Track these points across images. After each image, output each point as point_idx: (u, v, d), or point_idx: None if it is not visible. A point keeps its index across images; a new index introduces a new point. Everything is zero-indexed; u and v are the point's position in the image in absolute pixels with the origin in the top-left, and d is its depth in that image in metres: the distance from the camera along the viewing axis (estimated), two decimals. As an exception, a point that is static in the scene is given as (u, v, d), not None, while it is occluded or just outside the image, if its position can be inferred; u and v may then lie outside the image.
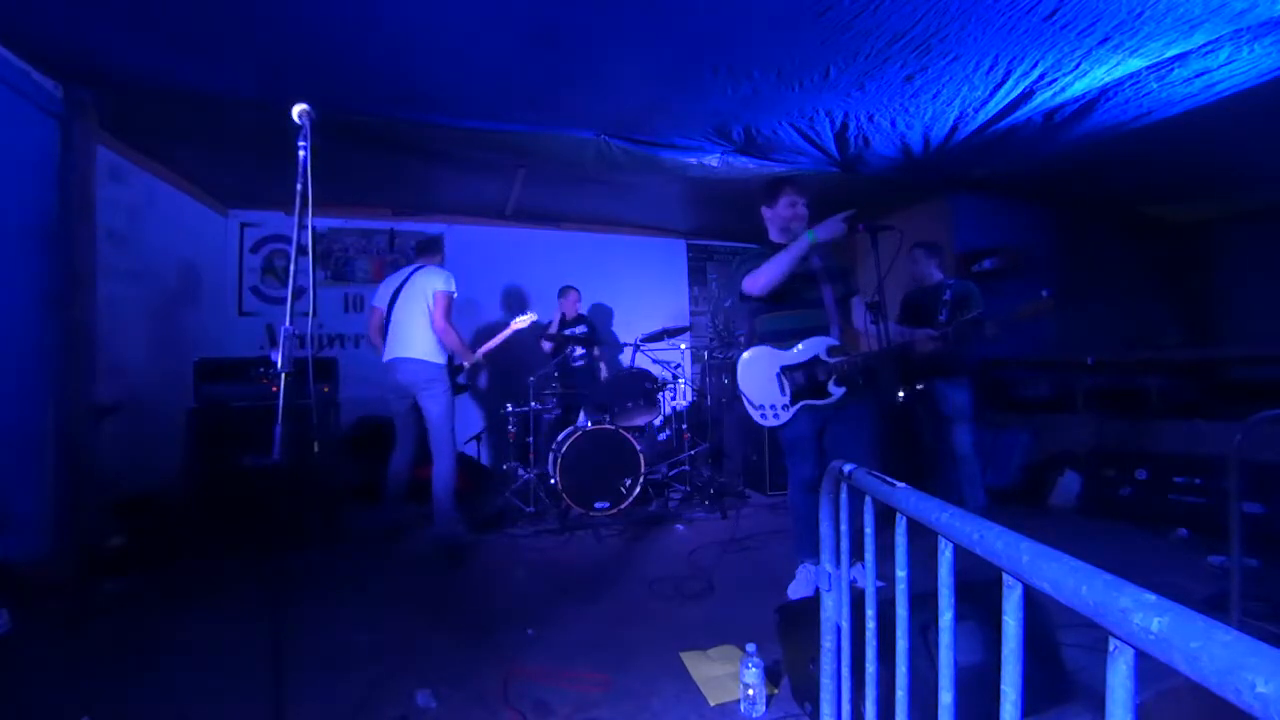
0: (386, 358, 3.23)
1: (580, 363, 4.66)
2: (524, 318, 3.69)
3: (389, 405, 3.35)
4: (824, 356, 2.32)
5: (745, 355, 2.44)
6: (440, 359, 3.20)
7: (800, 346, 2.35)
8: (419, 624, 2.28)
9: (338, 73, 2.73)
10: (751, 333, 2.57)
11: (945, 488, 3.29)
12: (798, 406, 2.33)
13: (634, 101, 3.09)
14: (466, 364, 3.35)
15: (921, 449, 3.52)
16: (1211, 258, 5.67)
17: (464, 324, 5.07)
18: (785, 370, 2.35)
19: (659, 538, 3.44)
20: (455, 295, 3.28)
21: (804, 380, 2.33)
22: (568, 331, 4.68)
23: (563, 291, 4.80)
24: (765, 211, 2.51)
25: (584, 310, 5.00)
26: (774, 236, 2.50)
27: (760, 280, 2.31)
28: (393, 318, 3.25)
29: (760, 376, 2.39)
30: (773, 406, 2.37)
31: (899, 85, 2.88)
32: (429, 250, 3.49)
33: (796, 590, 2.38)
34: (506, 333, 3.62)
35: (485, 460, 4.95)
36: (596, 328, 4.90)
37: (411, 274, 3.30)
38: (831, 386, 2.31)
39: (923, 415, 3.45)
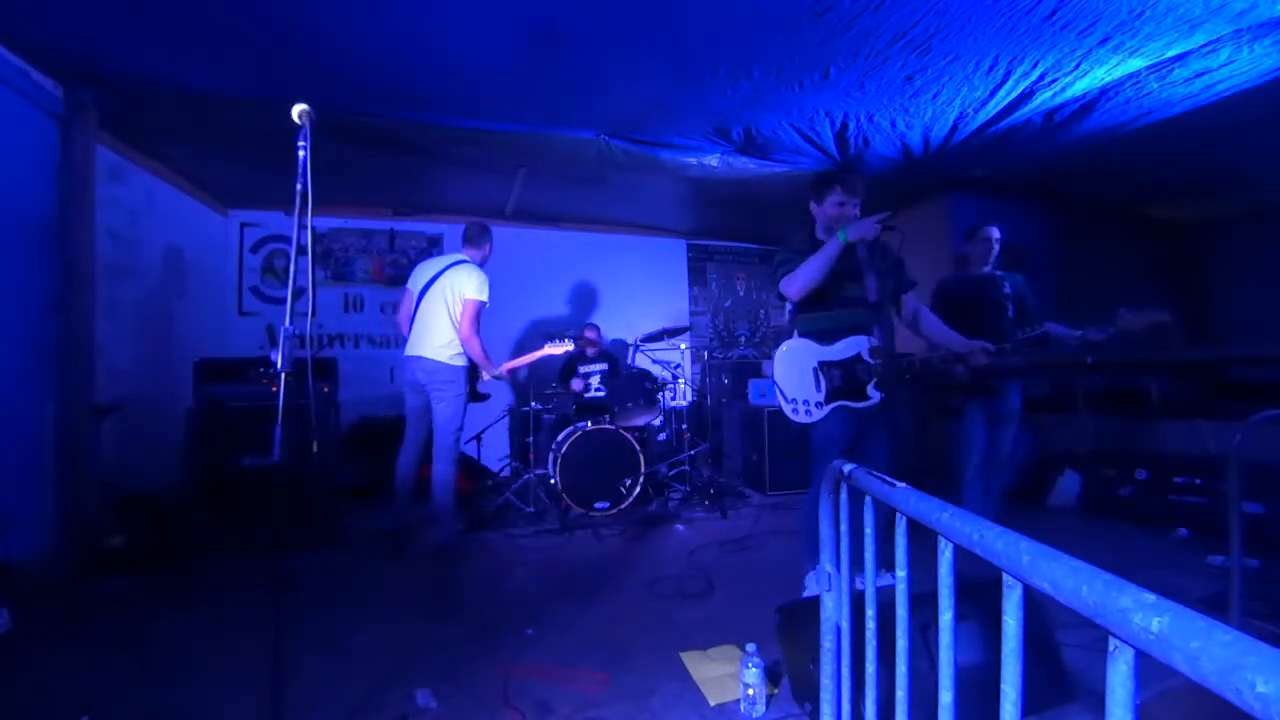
0: (408, 352, 3.11)
1: (598, 393, 4.42)
2: (561, 345, 3.52)
3: (393, 404, 3.29)
4: (866, 356, 2.22)
5: (783, 346, 2.34)
6: (460, 363, 3.08)
7: (842, 343, 2.25)
8: (419, 624, 2.28)
9: (338, 72, 2.73)
10: (791, 330, 2.46)
11: (959, 486, 3.03)
12: (831, 406, 2.22)
13: (634, 101, 3.09)
14: (488, 376, 3.22)
15: (946, 450, 3.29)
16: (1211, 258, 5.67)
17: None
18: (823, 365, 2.25)
19: (659, 538, 3.44)
20: (487, 304, 3.10)
21: (841, 378, 2.22)
22: (588, 369, 4.54)
23: (585, 328, 4.72)
24: (813, 208, 2.38)
25: (606, 345, 4.93)
26: (819, 234, 2.39)
27: (796, 284, 2.22)
28: (419, 311, 3.12)
29: (797, 369, 2.29)
30: (805, 402, 2.26)
31: (899, 85, 2.88)
32: (475, 241, 3.29)
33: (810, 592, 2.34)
34: (537, 355, 3.45)
35: (485, 460, 4.95)
36: (618, 364, 4.75)
37: (448, 268, 3.14)
38: (871, 389, 2.21)
39: (978, 417, 3.02)
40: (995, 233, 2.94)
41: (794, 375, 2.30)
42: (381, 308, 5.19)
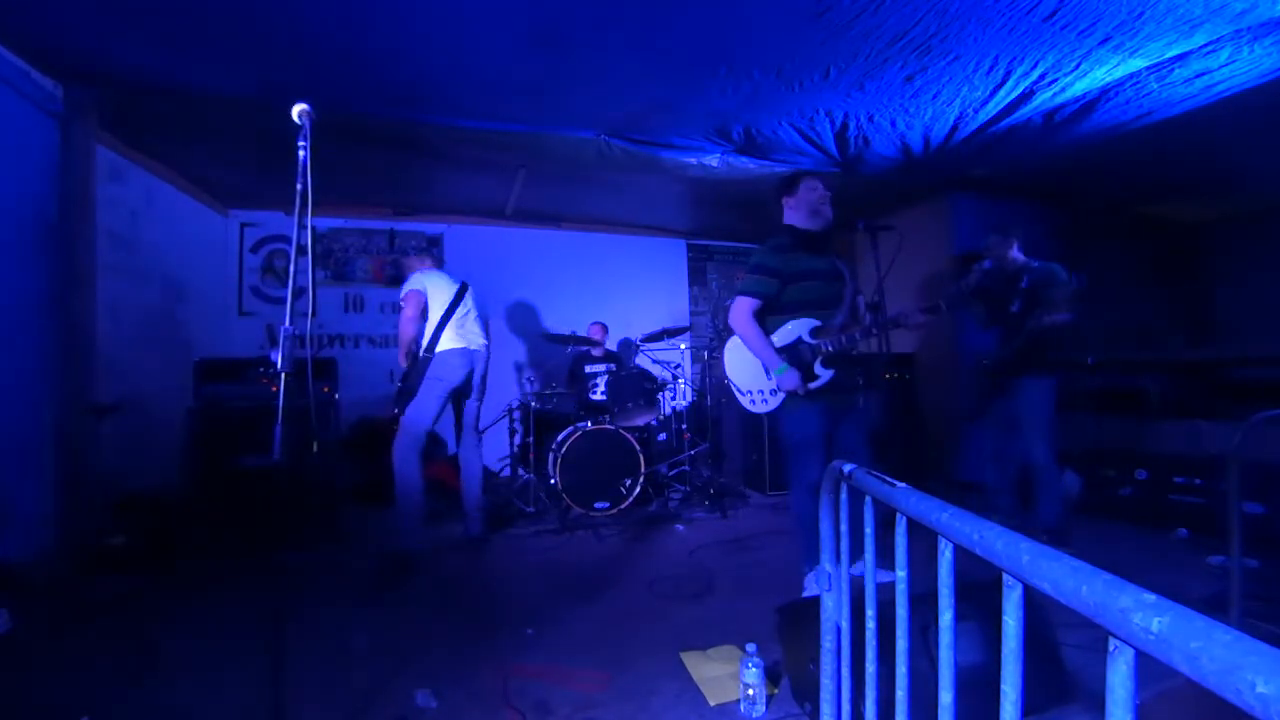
0: (471, 345, 3.21)
1: (601, 398, 4.24)
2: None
3: (393, 404, 3.23)
4: (806, 338, 2.32)
5: (730, 342, 2.46)
6: None
7: (782, 330, 2.35)
8: (419, 624, 2.28)
9: (338, 72, 2.73)
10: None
11: (1004, 498, 3.08)
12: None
13: (634, 101, 3.09)
14: None
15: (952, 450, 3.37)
16: (1211, 258, 5.67)
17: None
18: None
19: (659, 538, 3.44)
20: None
21: (789, 364, 2.31)
22: (595, 368, 4.49)
23: (591, 325, 4.75)
24: (787, 200, 2.46)
25: (613, 346, 4.92)
26: (802, 224, 2.42)
27: (742, 337, 2.37)
28: (456, 313, 3.22)
29: (745, 361, 2.42)
30: (760, 392, 2.39)
31: (899, 85, 2.88)
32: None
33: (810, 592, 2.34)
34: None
35: (485, 460, 4.94)
36: (624, 364, 4.66)
37: (461, 283, 3.39)
38: (818, 368, 2.30)
39: (997, 417, 3.12)
40: (999, 238, 3.08)
41: (743, 368, 2.44)
42: (381, 308, 5.19)
